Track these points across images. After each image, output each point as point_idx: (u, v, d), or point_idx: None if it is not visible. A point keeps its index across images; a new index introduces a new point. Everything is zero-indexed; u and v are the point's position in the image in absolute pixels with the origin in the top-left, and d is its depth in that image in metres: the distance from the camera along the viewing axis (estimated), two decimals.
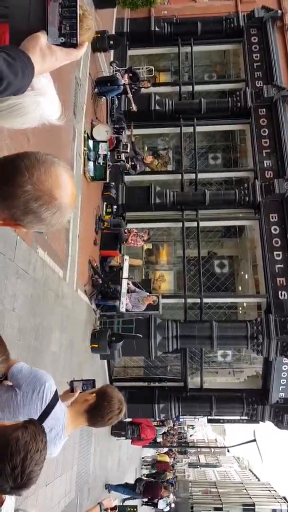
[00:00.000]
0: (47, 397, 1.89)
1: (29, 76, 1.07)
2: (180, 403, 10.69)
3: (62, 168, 1.10)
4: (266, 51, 12.71)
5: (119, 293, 8.85)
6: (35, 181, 1.04)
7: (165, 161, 13.70)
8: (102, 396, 2.07)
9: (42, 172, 1.05)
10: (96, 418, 2.06)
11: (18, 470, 1.25)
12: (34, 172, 1.04)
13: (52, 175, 1.06)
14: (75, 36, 1.14)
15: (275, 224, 10.81)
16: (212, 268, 13.02)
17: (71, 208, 1.13)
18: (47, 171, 1.05)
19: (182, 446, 30.66)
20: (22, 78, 1.04)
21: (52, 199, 1.06)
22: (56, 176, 1.07)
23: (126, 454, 15.56)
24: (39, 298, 5.55)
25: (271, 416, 10.57)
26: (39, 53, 1.10)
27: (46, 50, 1.11)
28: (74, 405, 2.11)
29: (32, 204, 1.05)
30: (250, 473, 42.48)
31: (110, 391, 2.10)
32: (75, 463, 7.43)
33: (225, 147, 13.85)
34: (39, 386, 1.89)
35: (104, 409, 2.04)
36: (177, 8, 13.94)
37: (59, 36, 1.13)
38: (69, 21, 1.13)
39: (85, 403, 2.07)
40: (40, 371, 1.96)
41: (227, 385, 12.47)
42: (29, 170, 1.04)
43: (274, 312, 10.03)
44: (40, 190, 1.04)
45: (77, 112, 8.11)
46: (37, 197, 1.05)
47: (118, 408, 2.06)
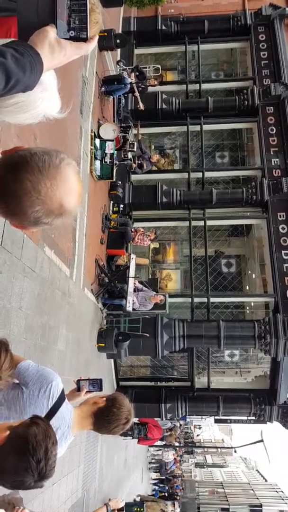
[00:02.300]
0: (54, 396, 1.87)
1: (37, 72, 1.02)
2: (187, 403, 10.64)
3: (67, 169, 1.05)
4: (274, 49, 12.61)
5: (126, 292, 8.83)
6: (43, 199, 1.00)
7: (172, 160, 13.67)
8: (112, 402, 2.04)
9: (49, 187, 1.00)
10: (102, 423, 2.02)
11: (42, 463, 1.34)
12: (40, 189, 1.00)
13: (59, 186, 1.02)
14: (85, 30, 1.10)
15: (283, 223, 10.72)
16: (219, 267, 12.95)
17: (78, 206, 1.11)
18: (53, 184, 1.01)
19: (189, 446, 30.60)
20: (31, 75, 1.00)
21: (63, 210, 1.05)
22: (63, 184, 1.03)
23: (133, 454, 15.55)
24: (46, 296, 5.54)
25: (279, 417, 10.49)
26: (48, 48, 1.05)
27: (55, 45, 1.06)
28: (82, 406, 2.08)
29: (43, 219, 1.04)
30: (257, 474, 42.31)
31: (121, 399, 2.07)
32: (82, 462, 7.43)
33: (232, 145, 13.77)
34: (45, 384, 1.87)
35: (112, 415, 2.01)
36: (184, 7, 13.89)
37: (68, 30, 1.09)
38: (78, 14, 1.09)
39: (94, 406, 2.04)
40: (46, 370, 1.94)
41: (234, 385, 12.40)
42: (35, 188, 0.99)
43: (282, 312, 9.94)
44: (50, 206, 1.02)
45: (84, 111, 8.10)
46: (48, 214, 1.03)
47: (125, 417, 2.02)
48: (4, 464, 1.35)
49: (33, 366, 1.94)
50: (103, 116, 9.77)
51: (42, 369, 1.94)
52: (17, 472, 1.34)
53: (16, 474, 1.35)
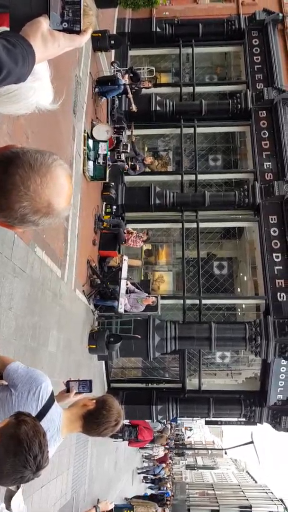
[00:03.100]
0: (43, 398, 1.86)
1: (30, 63, 1.00)
2: (178, 404, 10.65)
3: (58, 169, 1.05)
4: (267, 54, 12.72)
5: (118, 294, 8.81)
6: (32, 195, 1.00)
7: (165, 161, 13.69)
8: (102, 404, 2.03)
9: (38, 183, 1.00)
10: (92, 426, 2.01)
11: (39, 457, 1.40)
12: (30, 184, 0.99)
13: (49, 184, 1.01)
14: (79, 23, 1.08)
15: (274, 226, 10.80)
16: (211, 269, 12.99)
17: (67, 208, 1.10)
18: (43, 181, 1.01)
19: (180, 448, 30.61)
20: (23, 66, 0.98)
21: (51, 210, 1.03)
22: (54, 184, 1.02)
23: (123, 456, 15.50)
24: (37, 297, 5.51)
25: (268, 418, 10.55)
26: (40, 39, 1.03)
27: (48, 36, 1.04)
28: (72, 409, 2.07)
29: (30, 217, 1.03)
30: (247, 475, 42.46)
31: (111, 401, 2.06)
32: (71, 464, 7.38)
33: (225, 148, 13.84)
34: (35, 386, 1.85)
35: (101, 417, 1.99)
36: (178, 9, 13.94)
37: (62, 22, 1.07)
38: (72, 7, 1.07)
39: (84, 408, 2.03)
40: (36, 371, 1.93)
41: (225, 386, 12.43)
42: (25, 183, 0.99)
43: (273, 314, 10.01)
44: (38, 203, 1.01)
45: (77, 111, 8.08)
46: (36, 211, 1.02)
47: (115, 420, 2.01)
48: (2, 468, 1.37)
49: (22, 368, 1.93)
50: (96, 117, 9.75)
51: (32, 371, 1.92)
52: (16, 471, 1.38)
53: (15, 472, 1.39)
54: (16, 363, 1.94)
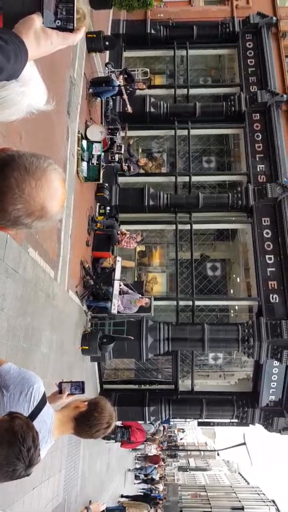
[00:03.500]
0: (35, 400, 1.85)
1: (22, 60, 1.01)
2: (171, 405, 10.66)
3: (53, 173, 1.06)
4: (261, 57, 12.80)
5: (111, 295, 8.80)
6: (26, 198, 1.01)
7: (159, 163, 13.72)
8: (94, 406, 2.03)
9: (33, 187, 1.01)
10: (83, 428, 2.01)
11: (32, 450, 1.42)
12: (25, 187, 1.00)
13: (43, 188, 1.03)
14: (72, 21, 1.09)
15: (267, 228, 10.86)
16: (205, 271, 13.03)
17: (60, 212, 1.11)
18: (38, 184, 1.02)
19: (172, 449, 30.60)
20: (15, 63, 0.98)
21: (44, 213, 1.05)
22: (48, 188, 1.04)
23: (116, 457, 15.46)
24: (29, 298, 5.48)
25: (261, 419, 10.59)
26: (33, 36, 1.03)
27: (40, 33, 1.05)
28: (63, 410, 2.06)
29: (23, 220, 1.04)
30: (239, 477, 42.58)
31: (103, 403, 2.06)
32: (63, 466, 7.35)
33: (219, 150, 13.90)
34: (27, 388, 1.84)
35: (93, 419, 1.99)
36: (173, 12, 13.99)
37: (55, 20, 1.07)
38: (65, 5, 1.08)
39: (76, 410, 2.03)
40: (28, 373, 1.92)
41: (217, 388, 12.47)
42: (20, 186, 1.00)
43: (265, 315, 10.06)
44: (32, 206, 1.02)
45: (71, 112, 8.07)
46: (29, 214, 1.03)
47: (107, 422, 2.01)
48: None
49: (15, 369, 1.92)
50: (90, 117, 9.74)
51: (24, 372, 1.91)
52: (9, 462, 1.39)
53: (8, 464, 1.39)
54: (9, 364, 1.93)
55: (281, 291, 10.27)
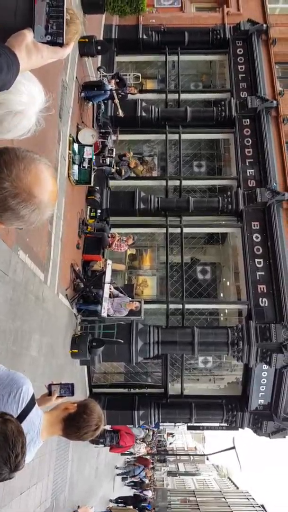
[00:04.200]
0: (24, 401, 1.84)
1: (14, 72, 1.06)
2: (160, 409, 10.64)
3: (43, 165, 1.10)
4: (251, 63, 12.96)
5: (101, 298, 8.79)
6: (14, 178, 1.04)
7: (150, 167, 13.77)
8: (83, 408, 2.03)
9: (21, 169, 1.04)
10: (72, 429, 2.01)
11: (19, 457, 1.43)
12: (13, 169, 1.04)
13: (31, 172, 1.06)
14: (62, 36, 1.15)
15: (256, 232, 10.97)
16: (195, 274, 13.07)
17: (51, 205, 1.13)
18: (27, 168, 1.05)
19: (161, 454, 30.48)
20: (7, 74, 1.04)
21: (31, 197, 1.06)
22: (36, 173, 1.07)
23: (104, 462, 15.37)
24: (19, 301, 5.45)
25: (250, 423, 10.63)
26: (24, 50, 1.10)
27: (32, 47, 1.11)
28: (52, 412, 2.06)
29: (10, 201, 1.05)
30: (229, 481, 42.58)
31: (92, 405, 2.06)
32: (52, 470, 7.28)
33: (210, 155, 14.01)
34: (15, 389, 1.83)
35: (82, 421, 1.99)
36: (165, 17, 14.09)
37: (46, 34, 1.14)
38: (56, 20, 1.14)
39: (65, 412, 2.03)
40: (17, 374, 1.91)
41: (207, 391, 12.49)
42: (8, 166, 1.03)
43: (255, 319, 10.13)
44: (18, 187, 1.04)
45: (62, 115, 8.08)
46: (15, 195, 1.05)
47: (95, 424, 2.01)
48: None
49: (3, 370, 1.91)
50: (82, 121, 9.76)
51: (13, 374, 1.90)
52: None
53: None
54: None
55: (270, 294, 10.35)
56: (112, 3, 10.65)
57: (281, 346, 9.64)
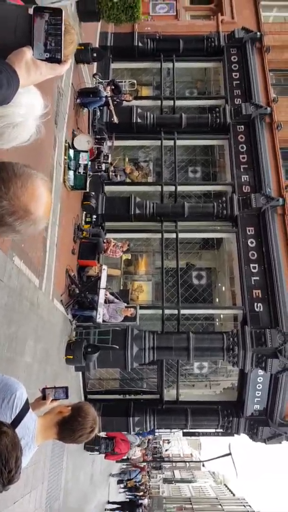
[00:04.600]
0: (18, 406, 1.83)
1: (14, 87, 1.12)
2: (156, 416, 10.59)
3: (39, 180, 1.13)
4: (245, 71, 13.10)
5: (96, 303, 8.77)
6: (11, 196, 1.06)
7: (146, 172, 13.82)
8: (77, 411, 2.03)
9: (18, 187, 1.07)
10: (67, 432, 2.00)
11: (13, 472, 1.41)
12: (10, 186, 1.06)
13: (28, 189, 1.09)
14: (60, 52, 1.21)
15: (251, 237, 11.02)
16: (190, 280, 13.09)
17: (46, 218, 1.16)
18: (24, 185, 1.08)
19: (157, 461, 30.28)
20: (8, 89, 1.10)
21: (28, 214, 1.10)
22: (33, 190, 1.10)
23: (99, 469, 15.24)
24: (14, 307, 5.43)
25: (246, 429, 10.59)
26: (24, 67, 1.16)
27: (31, 64, 1.17)
28: (47, 416, 2.05)
29: (7, 218, 1.08)
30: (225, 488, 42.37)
31: (87, 407, 2.06)
32: (46, 478, 7.21)
33: (205, 161, 14.09)
34: (9, 395, 1.83)
35: (76, 424, 1.99)
36: (160, 25, 14.23)
37: (45, 51, 1.20)
38: (54, 38, 1.19)
39: (59, 415, 2.02)
40: (11, 379, 1.90)
41: (203, 397, 12.45)
42: (5, 184, 1.06)
43: (250, 324, 10.14)
44: (15, 205, 1.07)
45: (58, 122, 8.10)
46: (12, 212, 1.08)
47: (90, 426, 2.01)
48: None
49: None
50: (77, 127, 9.80)
51: (6, 379, 1.90)
52: None
53: None
54: None
55: (265, 299, 10.38)
56: (107, 11, 10.74)
57: (276, 351, 9.65)
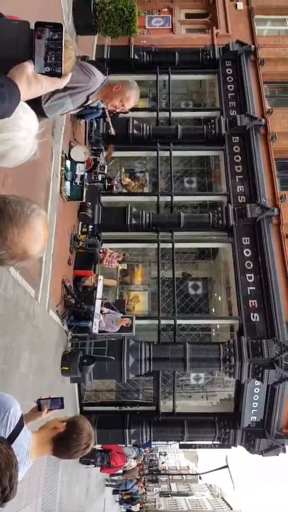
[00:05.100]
0: (12, 424, 1.81)
1: (15, 101, 1.16)
2: (152, 428, 10.48)
3: (36, 219, 1.14)
4: (240, 83, 13.28)
5: (92, 314, 8.73)
6: (9, 244, 1.09)
7: (142, 183, 13.89)
8: (73, 426, 2.01)
9: (15, 234, 1.09)
10: (62, 449, 1.99)
11: (8, 490, 1.38)
12: (7, 235, 1.08)
13: (26, 234, 1.11)
14: (60, 66, 1.24)
15: (247, 247, 11.06)
16: (186, 290, 13.08)
17: (42, 251, 1.21)
18: (21, 232, 1.10)
19: (153, 474, 29.89)
20: (9, 103, 1.13)
21: (26, 256, 1.14)
22: (30, 234, 1.12)
23: (95, 482, 15.02)
24: (9, 318, 5.39)
25: (243, 441, 10.50)
26: (25, 81, 1.19)
27: (32, 78, 1.21)
28: (41, 431, 2.03)
29: (7, 262, 1.13)
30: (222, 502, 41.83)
31: (82, 422, 2.04)
32: (41, 492, 7.09)
33: (200, 171, 14.19)
34: (3, 412, 1.80)
35: (71, 441, 1.97)
36: (156, 39, 14.43)
37: (45, 65, 1.23)
38: (54, 52, 1.22)
39: (54, 431, 2.00)
40: (5, 396, 1.88)
41: (199, 408, 12.36)
42: (3, 234, 1.08)
43: (247, 334, 10.11)
44: (14, 251, 1.11)
45: (55, 133, 8.15)
46: (12, 257, 1.12)
47: (85, 442, 2.00)
48: None
49: None
50: (74, 138, 9.86)
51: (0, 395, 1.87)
52: None
53: None
54: None
55: (262, 309, 10.38)
56: (104, 25, 10.89)
57: (273, 361, 9.61)
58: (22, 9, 5.00)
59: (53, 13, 8.18)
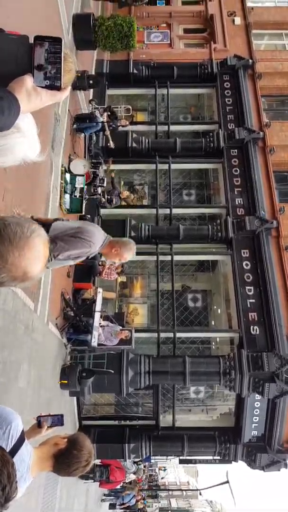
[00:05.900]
0: (13, 438, 1.79)
1: (15, 114, 1.16)
2: (151, 442, 10.33)
3: (36, 240, 1.14)
4: (238, 96, 13.46)
5: (92, 327, 8.67)
6: (9, 267, 1.09)
7: (141, 195, 13.96)
8: (73, 443, 2.00)
9: (16, 256, 1.09)
10: (62, 466, 1.98)
11: (7, 488, 1.36)
12: (8, 258, 1.08)
13: (26, 256, 1.11)
14: (59, 80, 1.24)
15: (246, 259, 11.05)
16: (186, 302, 13.04)
17: (43, 271, 1.21)
18: (21, 254, 1.10)
19: (153, 489, 29.37)
20: (9, 116, 1.13)
21: (27, 278, 1.14)
22: (30, 255, 1.12)
23: (94, 498, 14.75)
24: (8, 330, 5.35)
25: (243, 456, 10.35)
26: (25, 94, 1.20)
27: (31, 91, 1.21)
28: (42, 447, 2.02)
29: (8, 283, 1.13)
30: None
31: (82, 440, 2.04)
32: (39, 508, 6.96)
33: (199, 184, 14.28)
34: (4, 426, 1.79)
35: (72, 458, 1.97)
36: (154, 53, 14.66)
37: (44, 79, 1.23)
38: (54, 65, 1.23)
39: (55, 447, 1.99)
40: (6, 410, 1.86)
41: (199, 423, 12.20)
42: (3, 256, 1.08)
43: (247, 347, 10.04)
44: (14, 273, 1.11)
45: (55, 146, 8.22)
46: (13, 280, 1.12)
47: (86, 460, 1.99)
48: None
49: None
50: (74, 152, 9.93)
51: (1, 409, 1.86)
52: None
53: None
54: None
55: (262, 322, 10.33)
56: (104, 40, 11.07)
57: (273, 375, 9.53)
58: (22, 24, 5.09)
59: (53, 28, 8.32)
